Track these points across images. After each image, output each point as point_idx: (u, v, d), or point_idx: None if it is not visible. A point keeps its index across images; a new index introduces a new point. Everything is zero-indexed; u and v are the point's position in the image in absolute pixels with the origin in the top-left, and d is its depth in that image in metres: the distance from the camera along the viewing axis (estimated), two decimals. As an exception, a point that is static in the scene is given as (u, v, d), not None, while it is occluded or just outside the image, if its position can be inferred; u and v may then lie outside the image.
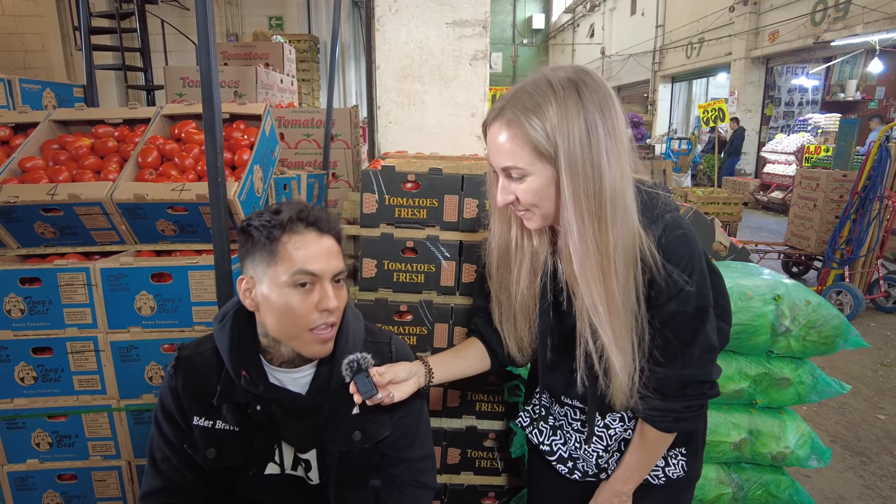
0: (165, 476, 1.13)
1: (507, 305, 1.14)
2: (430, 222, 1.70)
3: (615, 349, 0.97)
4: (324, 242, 1.04)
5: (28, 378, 1.61)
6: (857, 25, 8.91)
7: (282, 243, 1.00)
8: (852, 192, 4.64)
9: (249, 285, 1.05)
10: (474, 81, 2.64)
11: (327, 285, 1.03)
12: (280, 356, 1.10)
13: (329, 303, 1.02)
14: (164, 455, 1.13)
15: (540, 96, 0.92)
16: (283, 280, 1.00)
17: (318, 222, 1.04)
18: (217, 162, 1.42)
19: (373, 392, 1.08)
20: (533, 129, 0.91)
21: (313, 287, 1.02)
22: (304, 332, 1.03)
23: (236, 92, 3.32)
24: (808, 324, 1.52)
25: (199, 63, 1.39)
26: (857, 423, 3.13)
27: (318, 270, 1.01)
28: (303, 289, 1.01)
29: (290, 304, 1.01)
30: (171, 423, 1.13)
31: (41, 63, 8.94)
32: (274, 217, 1.01)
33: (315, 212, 1.05)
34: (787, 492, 1.63)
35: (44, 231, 1.66)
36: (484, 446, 1.79)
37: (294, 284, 1.00)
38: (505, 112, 0.95)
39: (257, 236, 1.01)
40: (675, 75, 15.74)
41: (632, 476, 1.15)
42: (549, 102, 0.91)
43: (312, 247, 1.02)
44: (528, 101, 0.92)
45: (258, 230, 1.01)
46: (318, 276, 1.02)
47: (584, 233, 0.93)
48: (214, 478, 1.14)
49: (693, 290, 0.97)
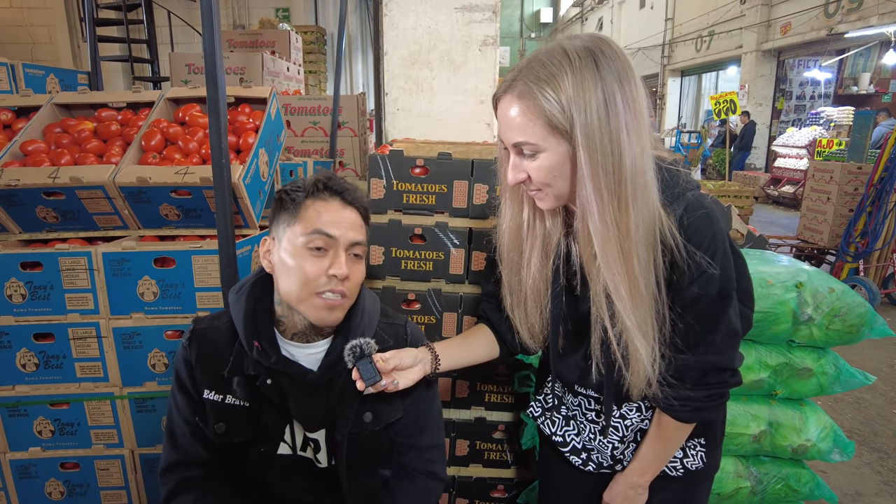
0: (182, 449, 1.12)
1: (518, 290, 1.10)
2: (439, 208, 1.66)
3: (638, 335, 0.92)
4: (347, 213, 1.06)
5: (30, 365, 1.58)
6: (871, 17, 8.76)
7: (305, 206, 1.04)
8: (868, 185, 4.55)
9: (270, 246, 1.08)
10: (484, 68, 2.59)
11: (341, 252, 1.04)
12: (293, 326, 1.09)
13: (339, 269, 1.02)
14: (181, 429, 1.12)
15: (554, 66, 0.86)
16: (300, 241, 1.02)
17: (344, 192, 1.07)
18: (221, 144, 1.39)
19: (376, 378, 1.05)
20: (547, 101, 0.86)
21: (327, 252, 1.03)
22: (311, 295, 1.02)
23: (242, 79, 3.27)
24: (832, 312, 1.47)
25: (204, 43, 1.35)
26: (874, 418, 3.07)
27: (334, 234, 1.03)
28: (317, 252, 1.02)
29: (302, 266, 1.02)
30: (185, 394, 1.12)
31: (49, 55, 8.95)
32: (305, 182, 1.06)
33: (343, 182, 1.08)
34: (808, 486, 1.58)
35: (46, 215, 1.63)
36: (493, 438, 1.76)
37: (309, 246, 1.02)
38: (516, 84, 0.89)
39: (285, 199, 1.05)
40: (685, 69, 15.59)
41: (648, 468, 1.11)
42: (565, 72, 0.85)
43: (333, 213, 1.04)
44: (542, 72, 0.87)
45: (287, 193, 1.06)
46: (333, 240, 1.03)
47: (603, 212, 0.88)
48: (225, 453, 1.13)
49: (716, 273, 0.92)
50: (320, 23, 10.20)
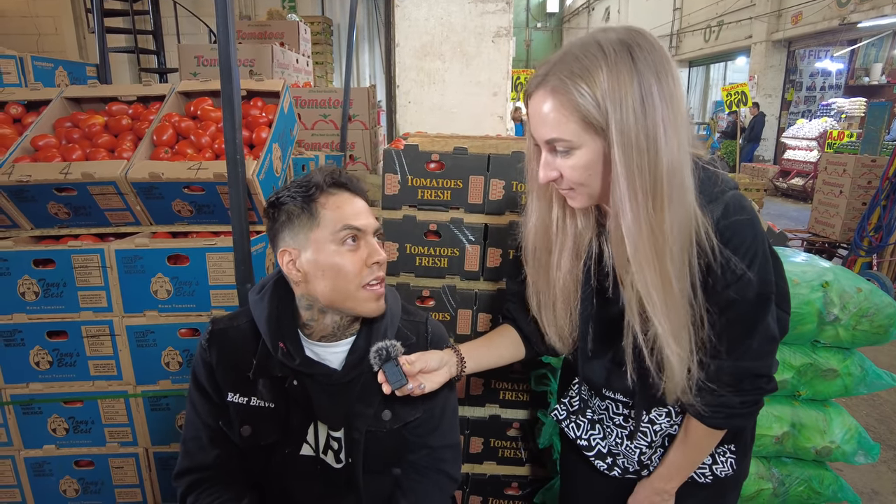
0: (197, 454, 1.10)
1: (546, 292, 1.07)
2: (455, 204, 1.63)
3: (671, 341, 0.88)
4: (358, 202, 1.05)
5: (43, 363, 1.57)
6: (885, 6, 8.61)
7: (320, 205, 1.01)
8: (883, 178, 4.48)
9: (293, 256, 1.04)
10: (497, 59, 2.55)
11: (372, 240, 1.04)
12: (322, 329, 1.08)
13: (378, 255, 1.03)
14: (198, 433, 1.10)
15: (589, 60, 0.83)
16: (330, 240, 1.00)
17: (350, 183, 1.06)
18: (235, 139, 1.36)
19: (402, 382, 1.03)
20: (581, 96, 0.83)
21: (359, 243, 1.03)
22: (358, 289, 1.02)
23: (252, 71, 3.24)
24: (859, 312, 1.43)
25: (218, 33, 1.32)
26: (889, 415, 3.04)
27: (362, 225, 1.02)
28: (352, 245, 1.02)
29: (341, 263, 1.01)
30: (205, 397, 1.09)
31: (55, 46, 8.93)
32: (307, 183, 1.02)
33: (346, 174, 1.07)
34: (830, 488, 1.56)
35: (57, 211, 1.61)
36: (507, 436, 1.75)
37: (341, 242, 1.01)
38: (549, 78, 0.86)
39: (292, 205, 1.02)
40: (693, 59, 15.41)
41: (676, 474, 1.08)
42: (600, 67, 0.82)
43: (351, 205, 1.03)
44: (576, 66, 0.83)
45: (293, 198, 1.02)
46: (362, 231, 1.03)
47: (637, 213, 0.84)
48: (248, 457, 1.11)
49: (754, 277, 0.89)
50: (327, 13, 10.13)
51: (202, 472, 1.10)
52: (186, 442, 1.11)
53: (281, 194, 1.03)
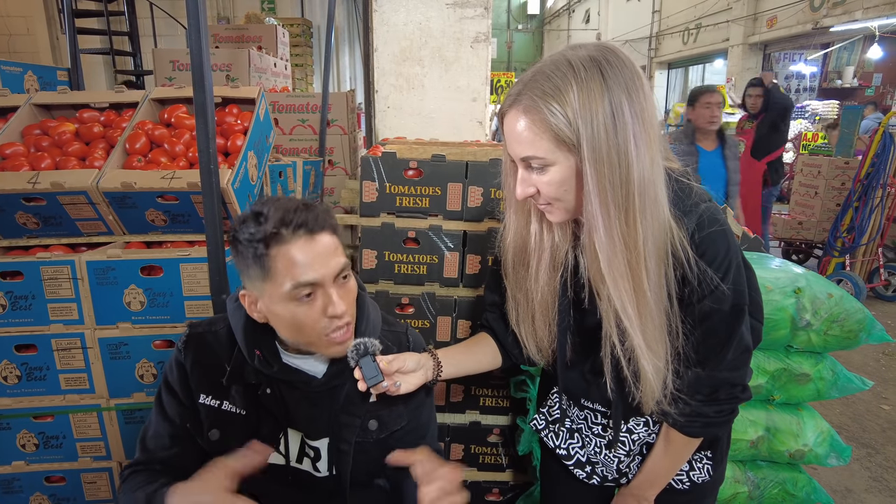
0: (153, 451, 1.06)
1: (525, 305, 1.07)
2: (433, 211, 1.63)
3: (646, 352, 0.89)
4: (318, 243, 0.95)
5: (11, 377, 1.53)
6: (856, 11, 8.81)
7: (271, 258, 0.92)
8: (855, 180, 4.58)
9: (252, 299, 1.00)
10: (476, 65, 2.56)
11: (331, 290, 0.96)
12: (297, 348, 1.06)
13: (336, 309, 0.96)
14: (155, 431, 1.06)
15: (559, 79, 0.83)
16: (283, 295, 0.94)
17: (307, 223, 0.94)
18: (209, 148, 1.34)
19: (378, 379, 1.01)
20: (553, 115, 0.83)
21: (316, 295, 0.96)
22: (319, 338, 0.99)
23: (228, 76, 3.20)
24: (831, 318, 1.46)
25: (190, 43, 1.30)
26: (862, 413, 3.10)
27: (316, 279, 0.94)
28: (307, 300, 0.95)
29: (297, 317, 0.96)
30: (174, 397, 1.07)
31: (26, 47, 8.71)
32: (257, 229, 0.93)
33: (301, 213, 0.94)
34: (804, 490, 1.59)
35: (26, 221, 1.57)
36: (488, 442, 1.75)
37: (294, 298, 0.94)
38: (522, 98, 0.86)
39: (245, 252, 0.94)
40: (672, 62, 15.61)
41: (654, 482, 1.09)
42: (570, 85, 0.82)
43: (305, 254, 0.93)
44: (548, 85, 0.84)
45: (245, 246, 0.94)
46: (318, 284, 0.95)
47: (610, 227, 0.85)
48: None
49: (729, 288, 0.90)
50: (307, 15, 10.04)
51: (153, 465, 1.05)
52: (146, 439, 1.07)
53: (239, 235, 0.95)
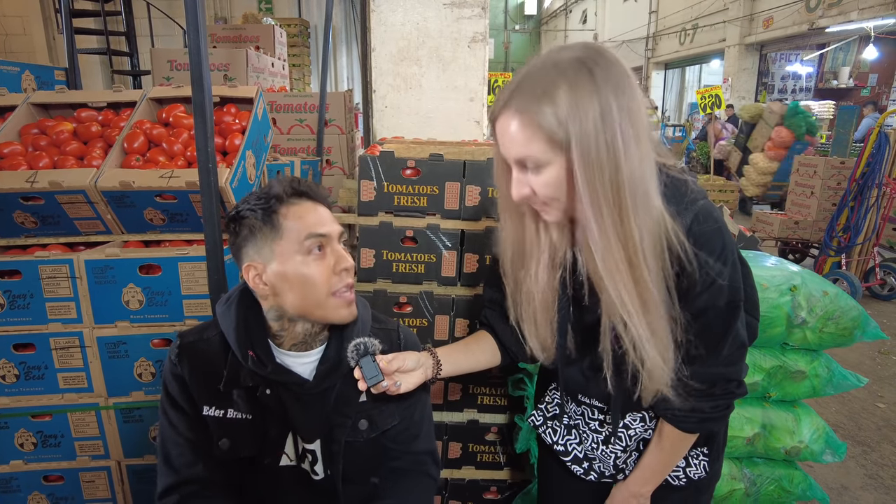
0: (179, 470, 1.07)
1: (526, 305, 1.07)
2: (431, 210, 1.64)
3: (651, 346, 0.90)
4: (321, 209, 1.04)
5: (9, 376, 1.53)
6: (852, 11, 8.86)
7: (282, 216, 0.99)
8: (850, 180, 4.60)
9: (259, 270, 1.01)
10: (473, 65, 2.56)
11: (338, 246, 1.03)
12: (293, 337, 1.06)
13: (346, 261, 1.02)
14: (177, 449, 1.07)
15: (549, 81, 0.84)
16: (295, 251, 0.99)
17: (310, 191, 1.04)
18: (207, 147, 1.34)
19: (378, 379, 1.02)
20: (544, 116, 0.83)
21: (325, 251, 1.02)
22: (327, 297, 1.01)
23: (226, 76, 3.20)
24: (826, 315, 1.47)
25: (188, 42, 1.30)
26: (858, 411, 3.12)
27: (326, 232, 1.01)
28: (318, 254, 1.00)
29: (308, 273, 0.99)
30: (180, 411, 1.07)
31: (23, 47, 8.70)
32: (266, 195, 1.00)
33: (305, 182, 1.05)
34: (800, 486, 1.60)
35: (24, 221, 1.57)
36: (486, 440, 1.75)
37: (307, 251, 0.99)
38: (512, 101, 0.87)
39: (253, 218, 1.00)
40: (669, 62, 15.65)
41: (651, 477, 1.10)
42: (559, 87, 0.83)
43: (313, 213, 1.02)
44: (537, 88, 0.84)
45: (253, 211, 1.00)
46: (328, 237, 1.02)
47: (602, 225, 0.85)
48: (228, 469, 1.09)
49: (726, 284, 0.91)
50: (304, 15, 10.03)
51: (190, 487, 1.07)
52: (169, 459, 1.07)
53: (241, 208, 1.01)
